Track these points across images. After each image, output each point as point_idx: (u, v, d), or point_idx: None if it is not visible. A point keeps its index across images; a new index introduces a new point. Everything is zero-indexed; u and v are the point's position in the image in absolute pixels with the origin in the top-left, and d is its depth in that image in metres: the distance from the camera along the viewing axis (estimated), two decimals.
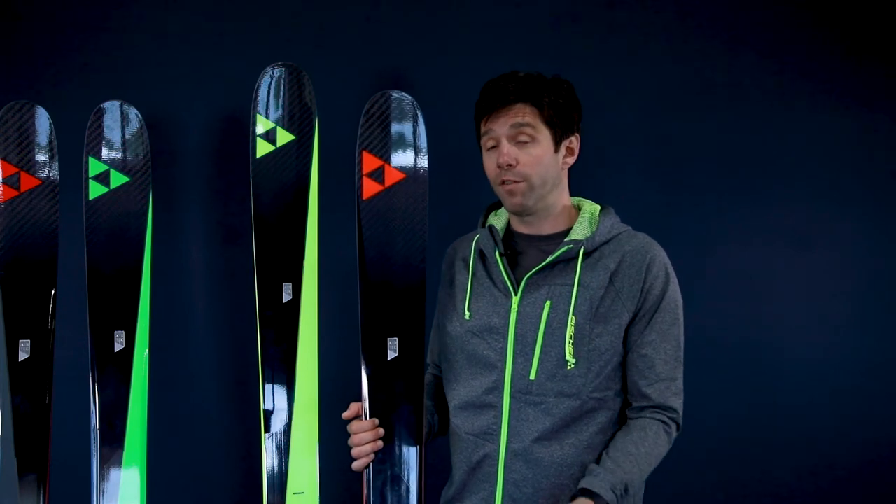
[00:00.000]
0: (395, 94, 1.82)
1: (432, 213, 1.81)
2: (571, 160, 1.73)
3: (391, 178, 1.80)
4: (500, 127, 1.67)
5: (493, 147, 1.69)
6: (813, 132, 2.32)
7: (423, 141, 1.82)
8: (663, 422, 1.67)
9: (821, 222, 2.33)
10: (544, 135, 1.67)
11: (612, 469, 1.60)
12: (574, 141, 1.73)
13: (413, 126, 1.82)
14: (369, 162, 1.79)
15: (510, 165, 1.65)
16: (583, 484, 1.59)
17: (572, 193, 1.78)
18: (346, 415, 1.72)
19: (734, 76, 2.32)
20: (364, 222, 1.78)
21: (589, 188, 1.82)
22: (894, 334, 2.31)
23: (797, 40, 2.32)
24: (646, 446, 1.64)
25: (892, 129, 2.32)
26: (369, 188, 1.79)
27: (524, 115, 1.66)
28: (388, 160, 1.80)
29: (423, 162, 1.82)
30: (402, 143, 1.81)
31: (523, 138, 1.66)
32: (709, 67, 2.32)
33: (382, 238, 1.78)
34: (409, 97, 1.82)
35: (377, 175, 1.80)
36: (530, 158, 1.66)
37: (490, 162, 1.70)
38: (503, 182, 1.68)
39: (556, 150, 1.69)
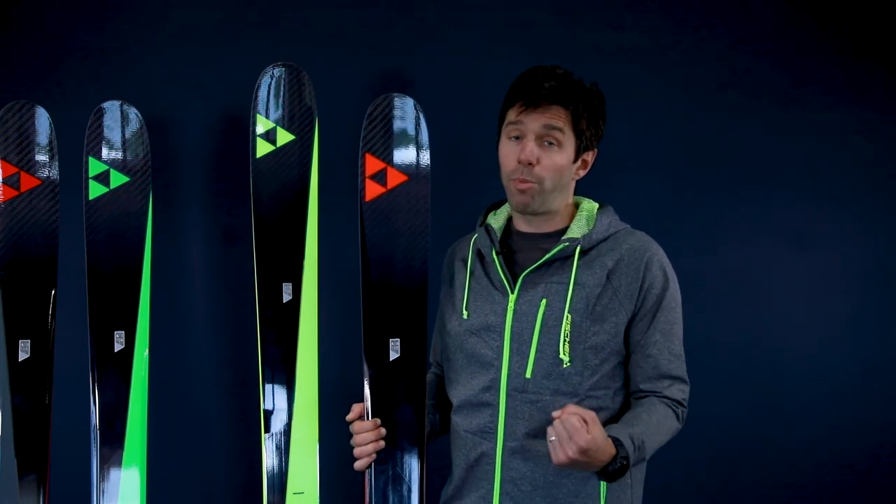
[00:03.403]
0: (397, 97, 1.82)
1: (434, 215, 1.81)
2: (583, 173, 1.73)
3: (393, 180, 1.80)
4: (532, 123, 1.64)
5: (516, 138, 1.67)
6: (814, 132, 2.32)
7: (425, 143, 1.82)
8: (669, 405, 1.65)
9: (821, 222, 2.33)
10: (570, 143, 1.66)
11: (628, 424, 1.59)
12: (591, 156, 1.72)
13: (415, 128, 1.82)
14: (372, 164, 1.79)
15: (530, 164, 1.64)
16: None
17: (575, 193, 1.78)
18: (349, 417, 1.73)
19: (735, 77, 2.32)
20: (366, 224, 1.78)
21: (590, 188, 1.82)
22: (894, 334, 2.31)
23: (798, 41, 2.32)
24: (656, 415, 1.62)
25: (892, 129, 2.32)
26: (372, 190, 1.79)
27: (559, 118, 1.64)
28: (390, 162, 1.80)
29: (426, 163, 1.82)
30: (404, 145, 1.81)
31: (550, 141, 1.64)
32: (710, 68, 2.32)
33: (385, 240, 1.78)
34: (412, 100, 1.82)
35: (379, 177, 1.80)
36: (551, 163, 1.65)
37: (510, 152, 1.67)
38: (516, 179, 1.66)
39: (574, 161, 1.68)
